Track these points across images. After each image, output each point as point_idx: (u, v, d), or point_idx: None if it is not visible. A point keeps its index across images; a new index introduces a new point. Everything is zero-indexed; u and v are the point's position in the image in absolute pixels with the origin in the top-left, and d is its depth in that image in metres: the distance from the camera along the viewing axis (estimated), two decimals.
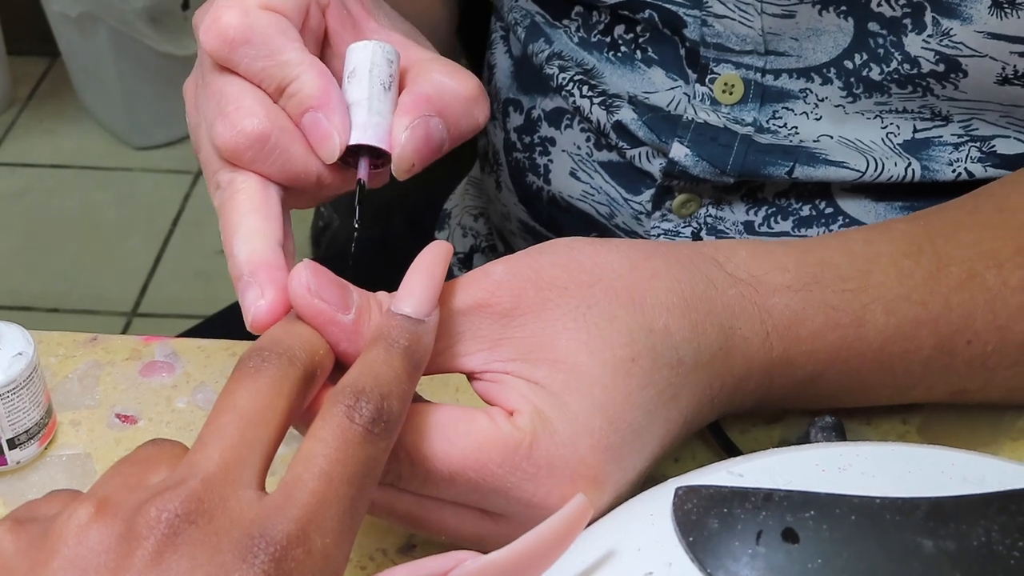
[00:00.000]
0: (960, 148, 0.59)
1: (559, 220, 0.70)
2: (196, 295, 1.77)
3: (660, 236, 0.65)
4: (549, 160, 0.69)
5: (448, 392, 0.55)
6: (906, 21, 0.56)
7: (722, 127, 0.62)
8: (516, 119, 0.70)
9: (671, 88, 0.63)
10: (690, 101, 0.63)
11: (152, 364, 0.59)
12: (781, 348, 0.48)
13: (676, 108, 0.63)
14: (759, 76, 0.61)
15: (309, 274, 0.43)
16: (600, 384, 0.43)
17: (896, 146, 0.60)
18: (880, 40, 0.57)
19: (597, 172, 0.67)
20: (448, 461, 0.42)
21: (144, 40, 1.90)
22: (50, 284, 1.82)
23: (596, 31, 0.66)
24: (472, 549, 0.38)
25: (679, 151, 0.62)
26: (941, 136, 0.59)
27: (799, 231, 0.63)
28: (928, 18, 0.56)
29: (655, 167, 0.64)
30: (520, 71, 0.71)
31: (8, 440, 0.53)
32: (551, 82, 0.68)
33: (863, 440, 0.52)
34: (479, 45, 0.80)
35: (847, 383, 0.50)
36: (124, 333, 1.60)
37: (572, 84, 0.66)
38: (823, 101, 0.60)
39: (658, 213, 0.65)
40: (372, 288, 0.45)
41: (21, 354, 0.52)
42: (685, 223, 0.65)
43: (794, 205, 0.63)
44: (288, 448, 0.42)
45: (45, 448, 0.54)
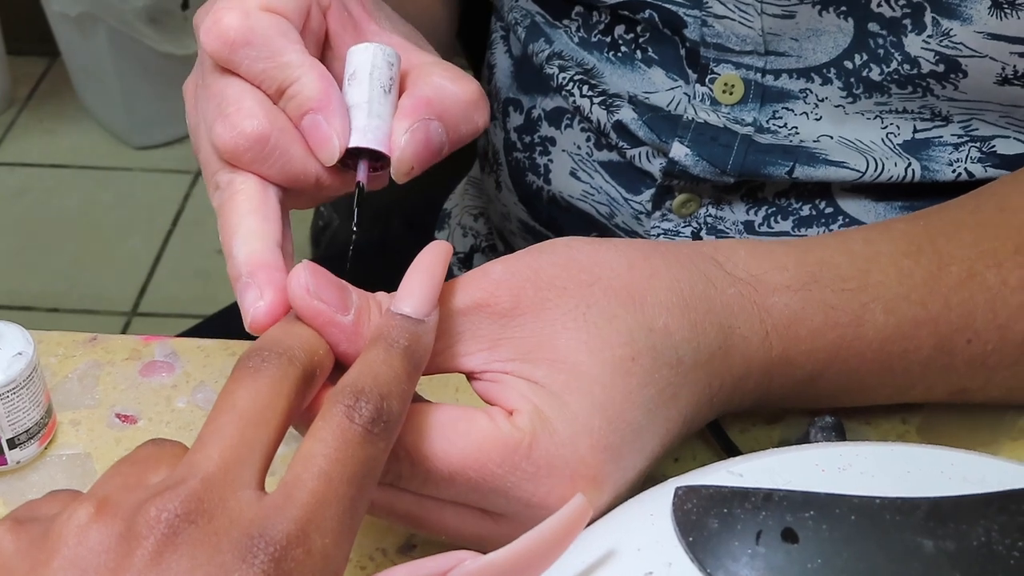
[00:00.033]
0: (960, 148, 0.59)
1: (559, 220, 0.70)
2: (196, 295, 1.77)
3: (660, 236, 0.65)
4: (549, 160, 0.69)
5: (448, 392, 0.55)
6: (906, 21, 0.56)
7: (722, 127, 0.62)
8: (516, 119, 0.70)
9: (671, 88, 0.63)
10: (690, 101, 0.63)
11: (152, 364, 0.59)
12: (780, 347, 0.48)
13: (676, 108, 0.63)
14: (759, 76, 0.61)
15: (308, 275, 0.43)
16: (600, 383, 0.43)
17: (896, 146, 0.60)
18: (880, 40, 0.57)
19: (597, 172, 0.67)
20: (448, 461, 0.42)
21: (144, 40, 1.90)
22: (50, 284, 1.82)
23: (596, 31, 0.66)
24: (472, 549, 0.38)
25: (679, 151, 0.62)
26: (941, 136, 0.59)
27: (799, 231, 0.63)
28: (928, 18, 0.56)
29: (655, 167, 0.64)
30: (520, 71, 0.71)
31: (8, 440, 0.53)
32: (551, 82, 0.68)
33: (863, 440, 0.52)
34: (479, 45, 0.80)
35: (846, 382, 0.50)
36: (124, 333, 1.60)
37: (572, 84, 0.66)
38: (823, 101, 0.60)
39: (658, 213, 0.65)
40: (372, 288, 0.45)
41: (21, 354, 0.52)
42: (685, 223, 0.65)
43: (794, 205, 0.63)
44: (288, 448, 0.42)
45: (45, 448, 0.54)
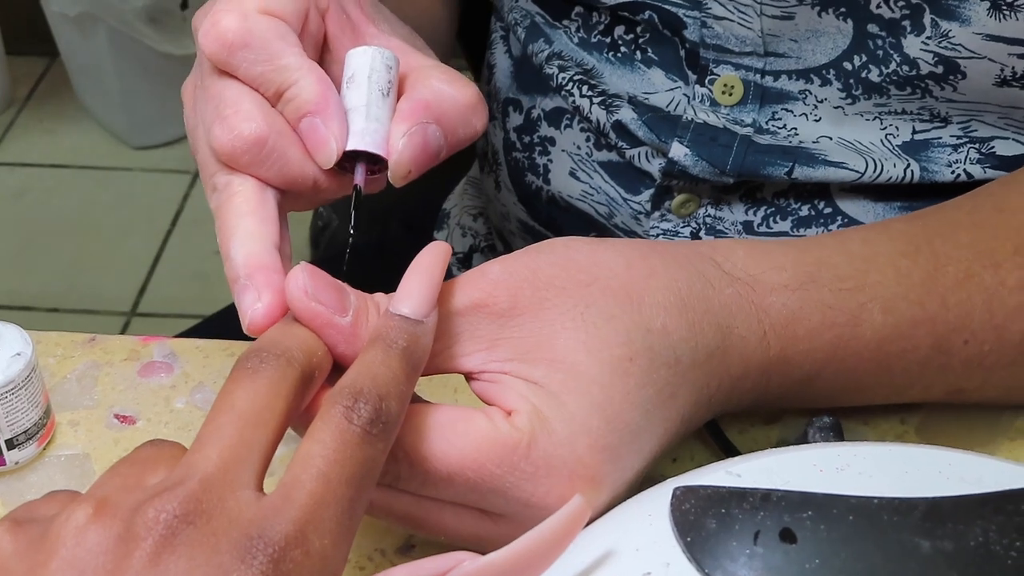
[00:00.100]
0: (959, 149, 0.59)
1: (558, 220, 0.70)
2: (195, 295, 1.77)
3: (659, 236, 0.65)
4: (549, 160, 0.69)
5: (447, 392, 0.55)
6: (905, 23, 0.56)
7: (722, 127, 0.62)
8: (516, 119, 0.70)
9: (671, 89, 0.63)
10: (690, 102, 0.63)
11: (151, 364, 0.59)
12: (778, 347, 0.48)
13: (676, 109, 0.63)
14: (758, 77, 0.61)
15: (306, 277, 0.43)
16: (598, 384, 0.44)
17: (895, 147, 0.60)
18: (879, 42, 0.57)
19: (596, 172, 0.67)
20: (446, 461, 0.42)
21: (143, 40, 1.90)
22: (49, 284, 1.82)
23: (596, 32, 0.66)
24: (471, 549, 0.38)
25: (679, 151, 0.63)
26: (940, 137, 0.59)
27: (798, 231, 0.63)
28: (927, 20, 0.56)
29: (654, 167, 0.64)
30: (520, 71, 0.71)
31: (7, 440, 0.53)
32: (551, 82, 0.68)
33: (861, 440, 0.52)
34: (479, 45, 0.80)
35: (844, 382, 0.50)
36: (123, 333, 1.60)
37: (572, 84, 0.66)
38: (822, 102, 0.60)
39: (657, 213, 0.65)
40: (370, 289, 0.45)
41: (19, 354, 0.52)
42: (684, 223, 0.65)
43: (793, 205, 0.63)
44: (286, 449, 0.42)
45: (44, 448, 0.54)
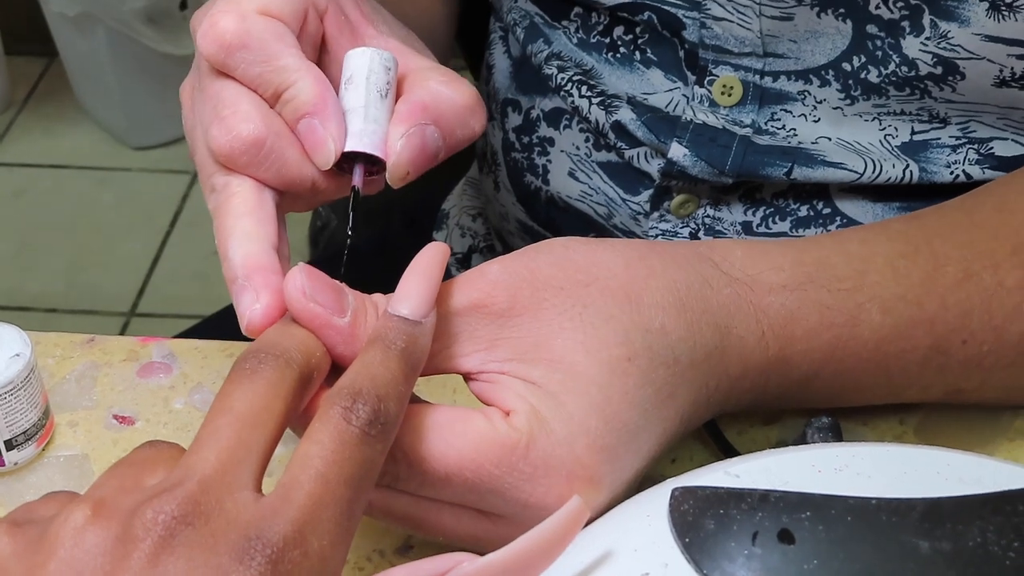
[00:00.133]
0: (958, 150, 0.59)
1: (557, 220, 0.70)
2: (194, 295, 1.77)
3: (658, 236, 0.65)
4: (548, 160, 0.69)
5: (446, 393, 0.55)
6: (904, 23, 0.56)
7: (721, 128, 0.62)
8: (515, 119, 0.70)
9: (670, 89, 0.63)
10: (689, 102, 0.63)
11: (149, 365, 0.59)
12: (776, 347, 0.48)
13: (675, 109, 0.63)
14: (758, 78, 0.61)
15: (304, 277, 0.43)
16: (597, 384, 0.43)
17: (894, 148, 0.60)
18: (878, 42, 0.57)
19: (595, 172, 0.67)
20: (445, 462, 0.42)
21: (142, 40, 1.90)
22: (48, 284, 1.82)
23: (595, 32, 0.66)
24: (470, 550, 0.38)
25: (678, 151, 0.62)
26: (939, 138, 0.59)
27: (797, 231, 0.63)
28: (926, 20, 0.56)
29: (653, 167, 0.64)
30: (519, 71, 0.71)
31: (6, 441, 0.53)
32: (550, 82, 0.68)
33: (860, 441, 0.52)
34: (478, 46, 0.80)
35: (843, 382, 0.50)
36: (122, 333, 1.60)
37: (571, 84, 0.66)
38: (821, 103, 0.60)
39: (656, 213, 0.65)
40: (369, 290, 0.45)
41: (18, 355, 0.52)
42: (683, 223, 0.65)
43: (792, 206, 0.63)
44: (285, 449, 0.42)
45: (43, 449, 0.54)
